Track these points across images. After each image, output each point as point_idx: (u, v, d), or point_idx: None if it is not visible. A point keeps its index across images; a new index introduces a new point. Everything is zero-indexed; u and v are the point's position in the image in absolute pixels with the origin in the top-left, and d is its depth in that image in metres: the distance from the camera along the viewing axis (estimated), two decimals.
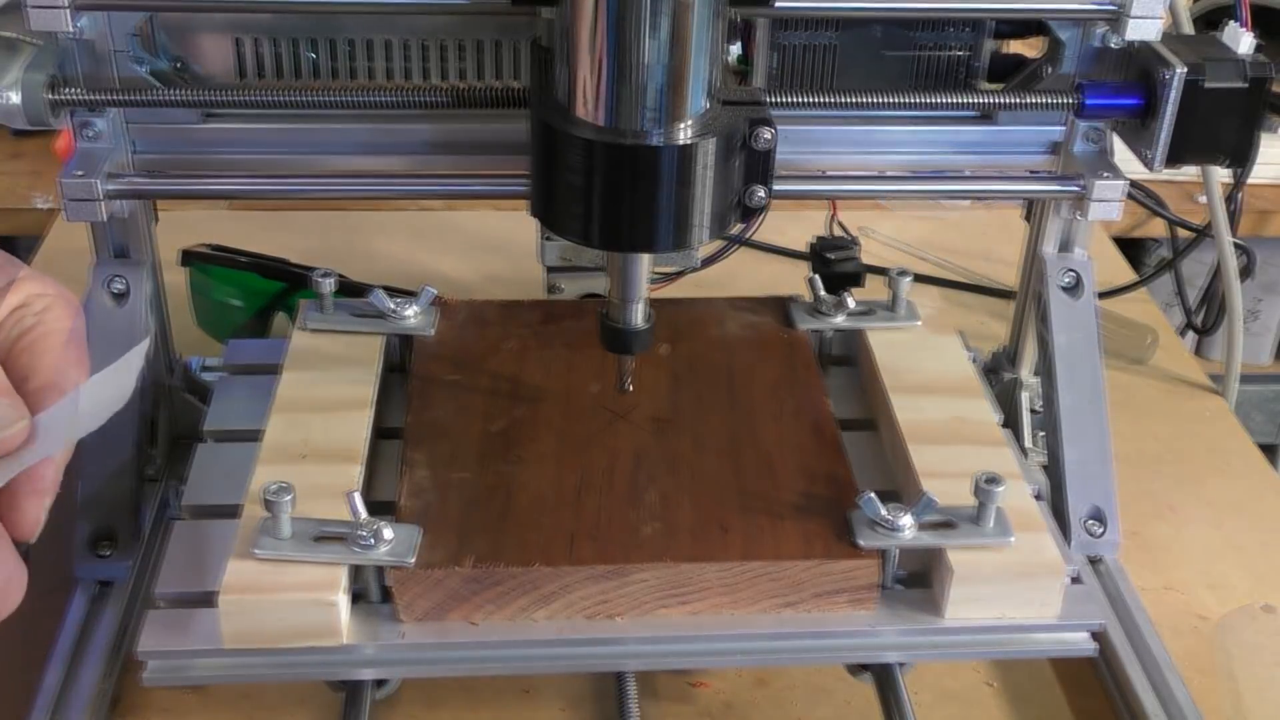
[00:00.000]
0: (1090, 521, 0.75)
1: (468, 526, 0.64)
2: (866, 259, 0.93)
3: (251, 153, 0.73)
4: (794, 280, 1.05)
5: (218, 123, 0.72)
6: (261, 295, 0.93)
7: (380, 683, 0.65)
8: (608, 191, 0.58)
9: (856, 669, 0.67)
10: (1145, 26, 0.69)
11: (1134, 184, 1.05)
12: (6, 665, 0.67)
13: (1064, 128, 0.75)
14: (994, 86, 0.78)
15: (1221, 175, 0.94)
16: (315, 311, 0.78)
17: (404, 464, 0.68)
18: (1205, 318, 1.18)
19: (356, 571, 0.62)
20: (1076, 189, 0.74)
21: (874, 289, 0.87)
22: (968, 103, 0.72)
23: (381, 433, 0.73)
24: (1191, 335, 1.20)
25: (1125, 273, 1.12)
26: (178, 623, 0.62)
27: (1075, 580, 0.68)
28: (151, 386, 0.77)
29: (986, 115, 0.76)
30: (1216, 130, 0.68)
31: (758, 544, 0.63)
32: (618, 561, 0.62)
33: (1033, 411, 0.85)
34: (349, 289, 0.81)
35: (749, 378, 0.76)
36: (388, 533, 0.61)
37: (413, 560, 0.61)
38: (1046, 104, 0.71)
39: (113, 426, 0.71)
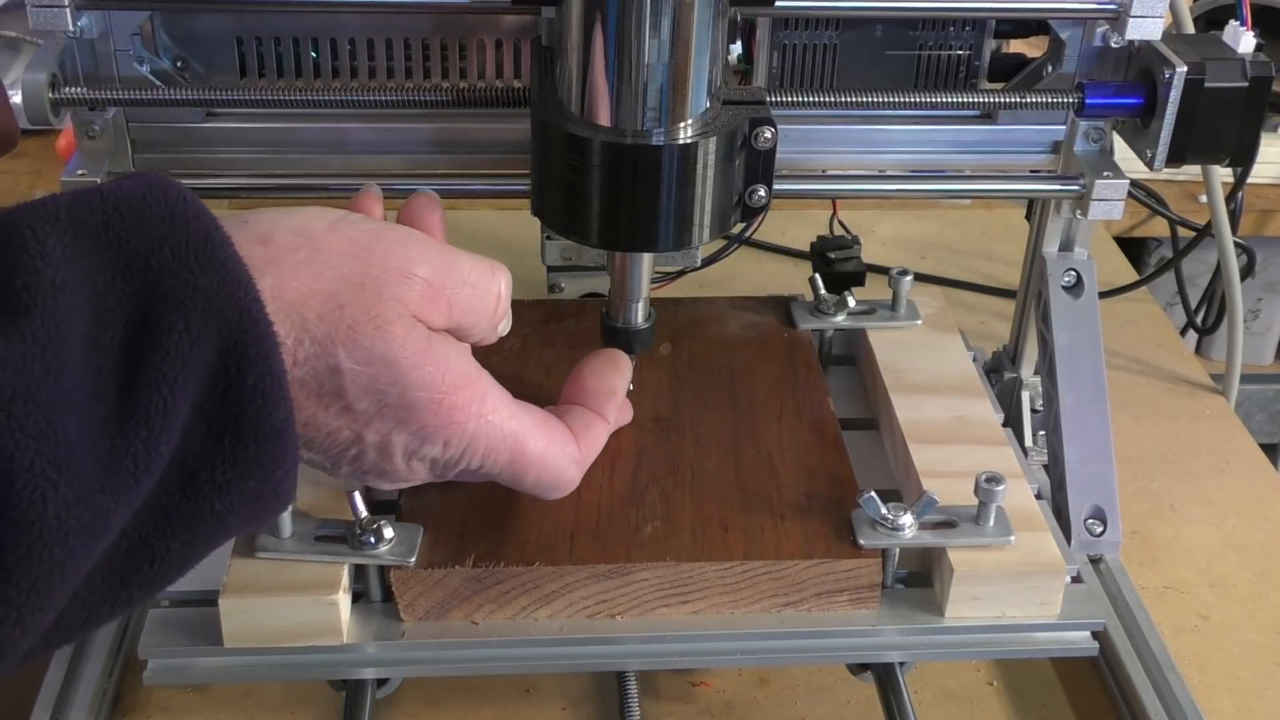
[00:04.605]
0: (1091, 521, 0.74)
1: (469, 526, 0.64)
2: (867, 258, 0.93)
3: (253, 152, 0.73)
4: (795, 279, 1.05)
5: (219, 122, 0.72)
6: None
7: (381, 682, 0.65)
8: (609, 191, 0.58)
9: (858, 668, 0.67)
10: (1146, 26, 0.69)
11: (1135, 183, 1.05)
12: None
13: (1065, 127, 0.75)
14: (995, 86, 0.78)
15: (1223, 175, 0.94)
16: None
17: None
18: (1206, 317, 1.18)
19: (357, 571, 0.62)
20: (1078, 188, 0.74)
21: (875, 288, 0.87)
22: (969, 102, 0.72)
23: None
24: (1193, 335, 1.20)
25: (1126, 272, 1.12)
26: (179, 622, 0.62)
27: (1076, 580, 0.68)
28: None
29: (988, 115, 0.76)
30: (1217, 130, 0.68)
31: (759, 543, 0.63)
32: (619, 561, 0.62)
33: (1034, 411, 0.85)
34: None
35: (750, 377, 0.76)
36: (389, 532, 0.61)
37: (414, 560, 0.61)
38: (1048, 103, 0.71)
39: None
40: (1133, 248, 1.33)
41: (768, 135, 0.60)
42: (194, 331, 0.43)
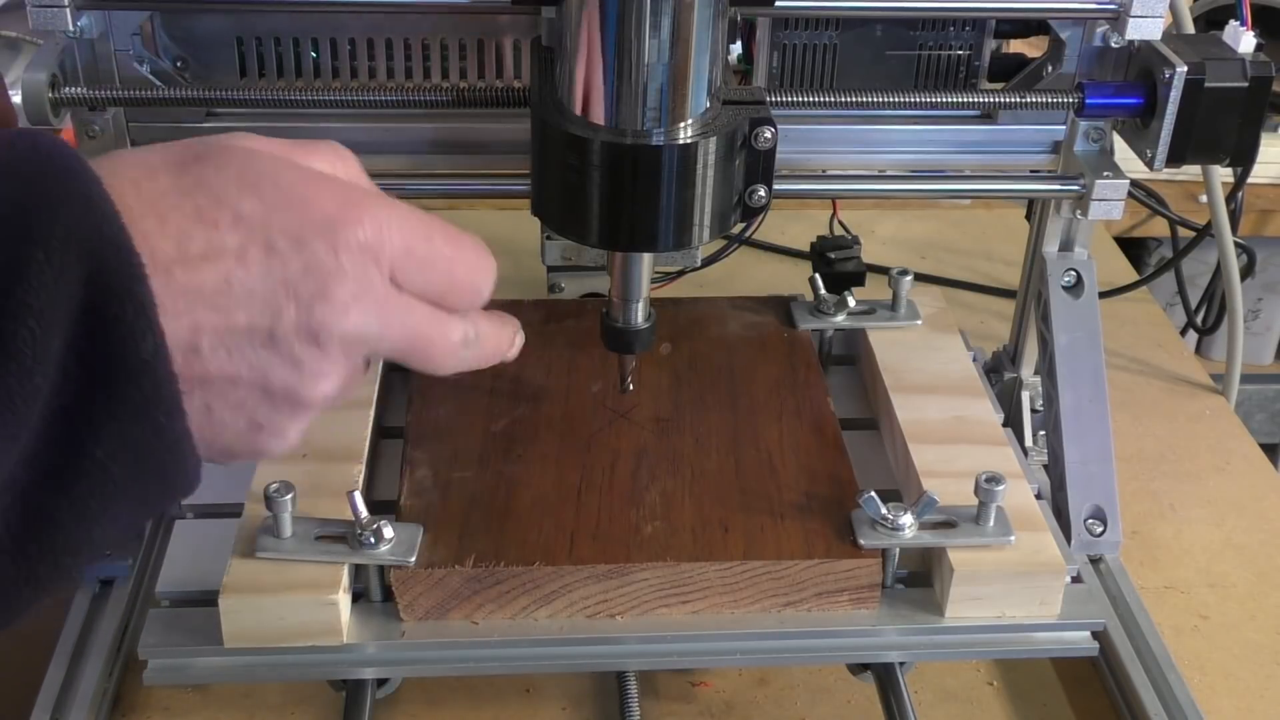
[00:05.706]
0: (1091, 521, 0.75)
1: (469, 526, 0.64)
2: (867, 258, 0.93)
3: None
4: (795, 279, 1.05)
5: (219, 122, 0.72)
6: None
7: (381, 682, 0.65)
8: (609, 191, 0.58)
9: (858, 668, 0.67)
10: (1147, 26, 0.69)
11: (1135, 183, 1.05)
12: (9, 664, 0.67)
13: (1065, 127, 0.75)
14: (995, 86, 0.78)
15: (1223, 174, 0.94)
16: None
17: (405, 463, 0.68)
18: (1206, 317, 1.18)
19: (357, 571, 0.62)
20: (1078, 188, 0.74)
21: (875, 288, 0.87)
22: (969, 102, 0.72)
23: (383, 432, 0.73)
24: (1193, 335, 1.20)
25: (1126, 272, 1.12)
26: (179, 621, 0.62)
27: (1076, 579, 0.68)
28: None
29: (988, 114, 0.76)
30: (1217, 129, 0.68)
31: (759, 543, 0.63)
32: (619, 561, 0.62)
33: (1034, 411, 0.85)
34: None
35: (750, 377, 0.76)
36: (389, 532, 0.61)
37: (414, 560, 0.61)
38: (1048, 103, 0.71)
39: None
40: (1133, 248, 1.33)
41: (768, 135, 0.60)
42: (55, 261, 0.40)
